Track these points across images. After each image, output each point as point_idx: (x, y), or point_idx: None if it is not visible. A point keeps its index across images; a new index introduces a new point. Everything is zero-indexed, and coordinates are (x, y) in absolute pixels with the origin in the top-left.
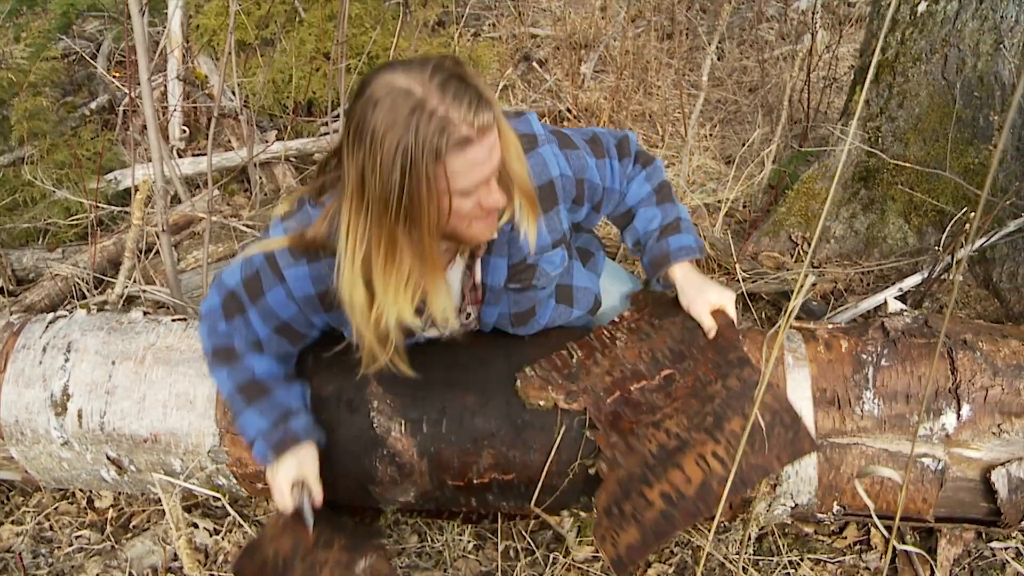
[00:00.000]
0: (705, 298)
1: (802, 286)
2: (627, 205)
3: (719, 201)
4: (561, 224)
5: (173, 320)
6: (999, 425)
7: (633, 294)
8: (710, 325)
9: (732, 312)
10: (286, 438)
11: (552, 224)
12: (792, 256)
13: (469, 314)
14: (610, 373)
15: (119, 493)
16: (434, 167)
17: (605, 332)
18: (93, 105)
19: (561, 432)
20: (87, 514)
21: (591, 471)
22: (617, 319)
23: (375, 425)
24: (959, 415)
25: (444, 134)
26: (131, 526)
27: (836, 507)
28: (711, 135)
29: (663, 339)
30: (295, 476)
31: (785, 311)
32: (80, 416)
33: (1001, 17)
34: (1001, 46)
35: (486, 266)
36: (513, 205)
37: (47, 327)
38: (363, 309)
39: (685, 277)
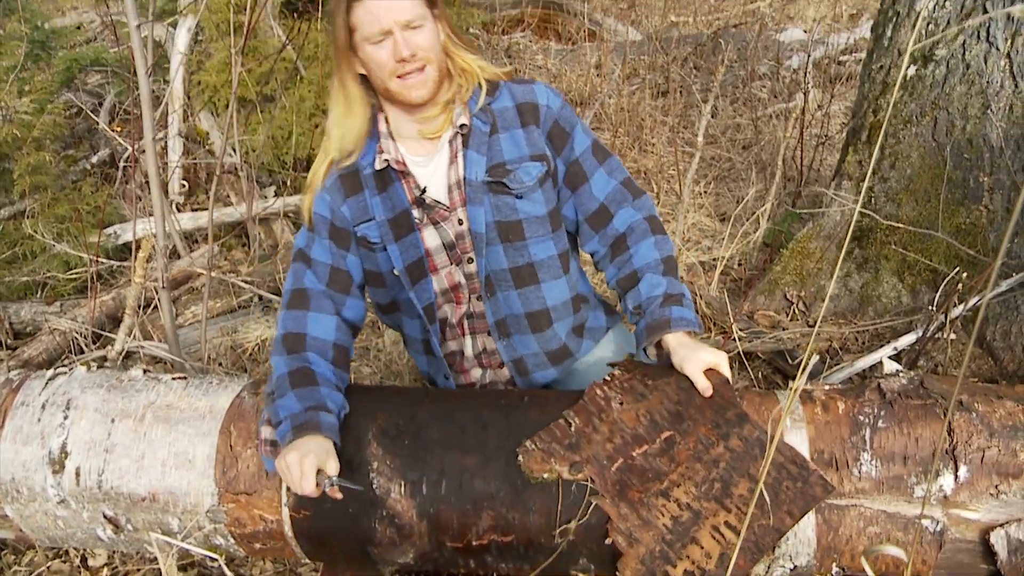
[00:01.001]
0: (699, 356)
1: (808, 360)
2: (633, 267)
3: (714, 259)
4: (540, 144)
5: (173, 378)
6: (997, 486)
7: (620, 362)
8: (704, 384)
9: (727, 372)
10: (310, 423)
11: (531, 138)
12: (788, 315)
13: (461, 220)
14: (611, 440)
15: (113, 552)
16: (343, 18)
17: (599, 394)
18: (94, 159)
19: (560, 497)
20: (80, 573)
21: (607, 542)
22: (608, 377)
23: (375, 486)
24: (956, 476)
25: None
26: None
27: (835, 569)
28: (706, 192)
29: (659, 399)
30: (315, 461)
31: (791, 388)
32: (78, 474)
33: (987, 82)
34: (988, 110)
35: (466, 160)
36: (463, 94)
37: (47, 384)
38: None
39: (678, 340)
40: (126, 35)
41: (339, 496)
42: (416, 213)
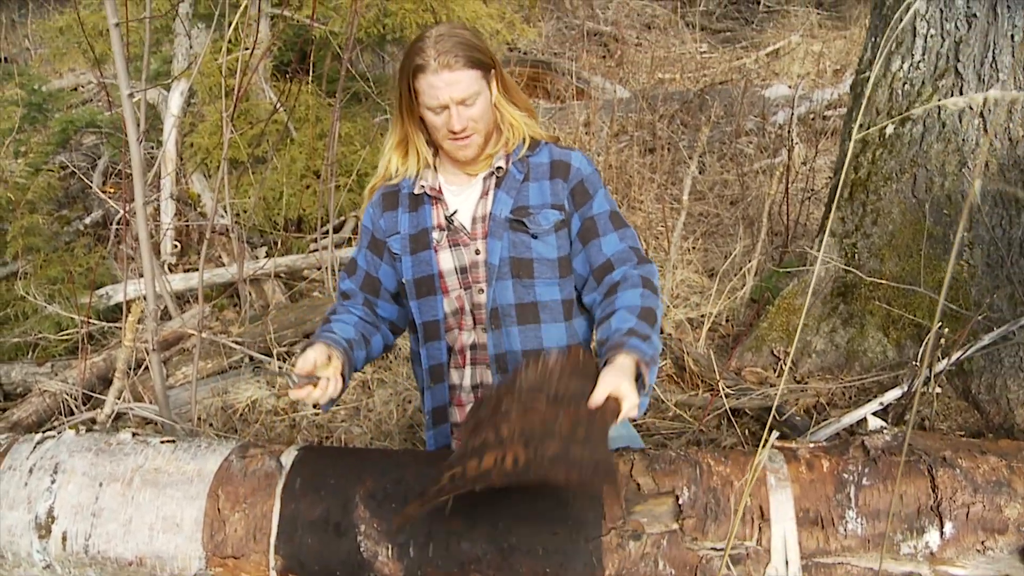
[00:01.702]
0: (619, 382)
1: (768, 435)
2: (613, 307)
3: (702, 316)
4: (561, 197)
5: (162, 442)
6: (983, 542)
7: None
8: (598, 399)
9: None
10: (315, 341)
11: (555, 190)
12: (775, 371)
13: (478, 250)
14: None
15: None
16: (407, 79)
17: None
18: (87, 220)
19: None
20: None
21: None
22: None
23: (362, 549)
24: (942, 533)
25: (412, 58)
26: None
27: None
28: (694, 248)
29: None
30: (311, 355)
31: (762, 443)
32: (64, 539)
33: (963, 140)
34: (965, 167)
35: (496, 199)
36: (510, 146)
37: (35, 448)
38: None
39: (622, 360)
40: (120, 98)
41: (299, 390)
42: (436, 235)
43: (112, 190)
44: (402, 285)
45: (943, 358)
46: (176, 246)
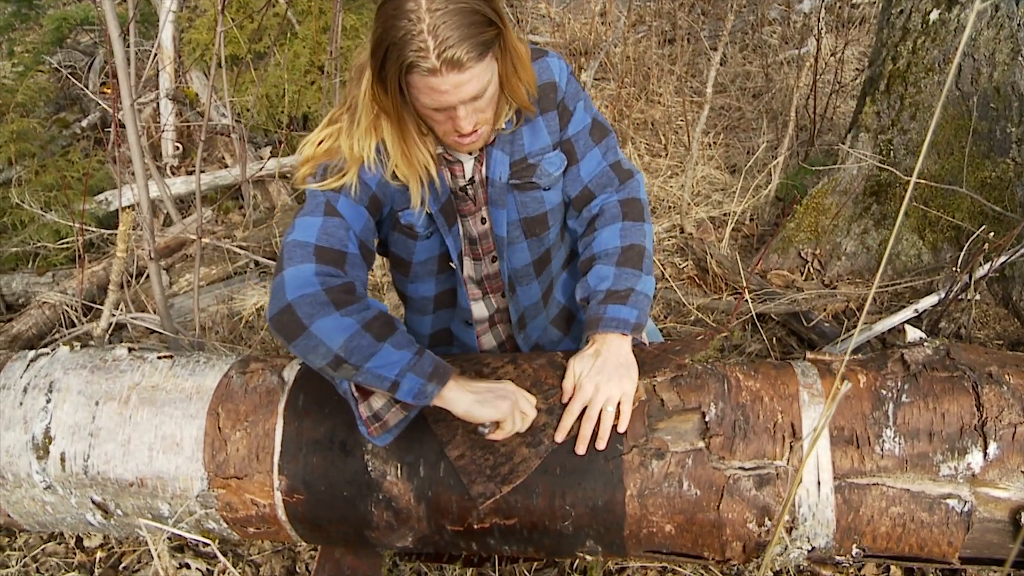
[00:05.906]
0: (593, 383)
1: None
2: (592, 251)
3: (725, 215)
4: (556, 129)
5: (159, 357)
6: None
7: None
8: (563, 429)
9: (610, 411)
10: (441, 366)
11: (551, 126)
12: (802, 274)
13: (483, 219)
14: None
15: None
16: (396, 71)
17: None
18: (84, 123)
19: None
20: (76, 555)
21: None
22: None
23: (370, 469)
24: (986, 454)
25: (401, 48)
26: (121, 567)
27: (855, 550)
28: (715, 143)
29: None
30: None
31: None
32: (63, 459)
33: (1018, 25)
34: (1018, 55)
35: (489, 158)
36: (501, 121)
37: (28, 366)
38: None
39: (601, 347)
40: None
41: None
42: (455, 202)
43: (107, 91)
44: (401, 261)
45: (984, 263)
46: (178, 148)
